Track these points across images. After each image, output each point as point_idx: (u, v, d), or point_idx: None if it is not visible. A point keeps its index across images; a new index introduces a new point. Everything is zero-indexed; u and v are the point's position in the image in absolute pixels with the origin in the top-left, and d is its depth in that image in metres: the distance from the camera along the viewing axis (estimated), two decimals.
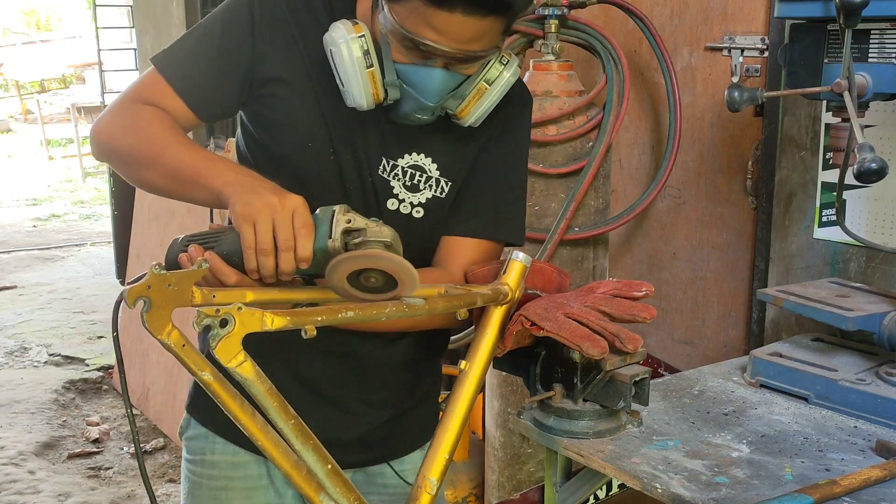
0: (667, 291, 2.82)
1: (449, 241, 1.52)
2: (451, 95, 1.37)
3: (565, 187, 2.53)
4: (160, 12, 5.57)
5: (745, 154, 2.55)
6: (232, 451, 1.56)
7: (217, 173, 1.28)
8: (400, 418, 1.61)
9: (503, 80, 1.40)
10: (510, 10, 1.29)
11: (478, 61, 1.35)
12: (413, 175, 1.48)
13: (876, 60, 1.55)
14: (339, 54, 1.33)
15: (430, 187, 1.49)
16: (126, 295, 0.97)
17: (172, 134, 1.37)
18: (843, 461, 1.44)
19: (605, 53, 2.54)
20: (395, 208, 1.48)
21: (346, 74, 1.33)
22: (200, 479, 1.59)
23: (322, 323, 1.06)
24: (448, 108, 1.39)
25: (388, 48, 1.32)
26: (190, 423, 1.62)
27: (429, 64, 1.32)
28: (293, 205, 1.19)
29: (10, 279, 7.10)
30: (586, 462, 1.46)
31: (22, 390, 4.82)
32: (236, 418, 1.04)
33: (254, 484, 1.57)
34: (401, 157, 1.47)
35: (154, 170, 1.35)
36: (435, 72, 1.32)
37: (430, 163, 1.48)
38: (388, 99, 1.36)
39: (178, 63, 1.44)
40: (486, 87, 1.39)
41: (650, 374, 1.39)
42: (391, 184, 1.47)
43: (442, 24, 1.25)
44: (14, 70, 15.30)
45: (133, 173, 1.40)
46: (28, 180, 11.77)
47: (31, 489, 3.74)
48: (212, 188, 1.27)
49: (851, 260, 2.25)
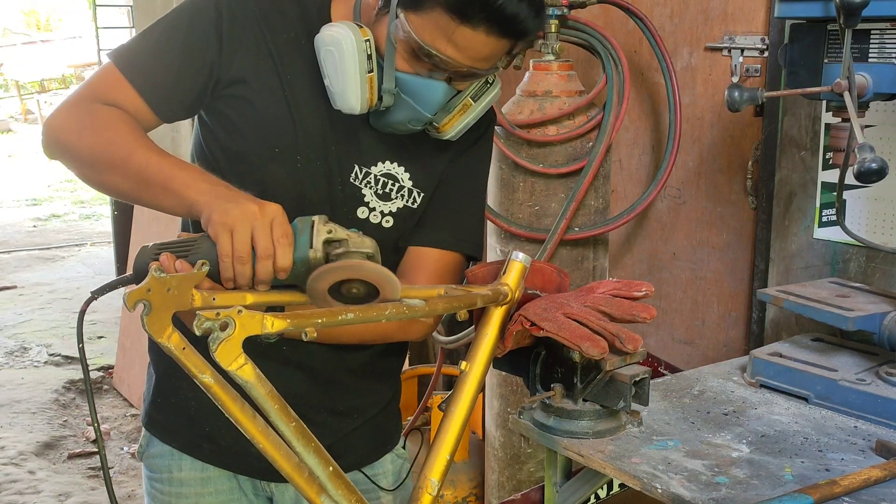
0: (667, 291, 2.82)
1: (413, 251, 1.52)
2: (442, 108, 1.37)
3: (565, 187, 2.53)
4: (160, 12, 5.54)
5: (745, 154, 2.55)
6: (200, 466, 1.54)
7: (190, 182, 1.24)
8: (366, 425, 1.60)
9: (488, 97, 1.41)
10: (524, 37, 1.31)
11: (478, 78, 1.37)
12: (385, 183, 1.47)
13: (876, 60, 1.55)
14: (341, 55, 1.31)
15: (401, 197, 1.48)
16: (126, 298, 0.97)
17: (137, 137, 1.32)
18: (843, 461, 1.44)
19: (605, 53, 2.54)
20: (365, 217, 1.47)
21: (344, 76, 1.32)
22: (168, 497, 1.57)
23: (322, 325, 1.06)
24: (435, 121, 1.39)
25: (392, 55, 1.32)
26: (150, 440, 1.59)
27: (434, 76, 1.32)
28: (272, 213, 1.17)
29: (10, 279, 7.10)
30: (586, 462, 1.46)
31: (22, 390, 4.82)
32: (237, 421, 1.04)
33: (225, 498, 1.55)
34: (374, 164, 1.46)
35: (118, 174, 1.30)
36: (438, 84, 1.32)
37: (402, 172, 1.48)
38: (380, 105, 1.35)
39: (138, 59, 1.39)
40: (471, 104, 1.40)
41: (650, 374, 1.39)
42: (363, 191, 1.46)
43: (462, 41, 1.26)
44: (14, 70, 15.30)
45: (94, 175, 1.34)
46: (28, 180, 11.77)
47: (31, 489, 3.74)
48: (184, 197, 1.24)
49: (851, 260, 2.25)
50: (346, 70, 1.32)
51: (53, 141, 1.36)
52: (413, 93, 1.33)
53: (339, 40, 1.32)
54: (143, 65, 1.38)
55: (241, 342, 0.99)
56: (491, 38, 1.26)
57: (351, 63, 1.31)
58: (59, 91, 16.40)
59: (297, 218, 1.21)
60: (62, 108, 1.38)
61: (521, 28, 1.27)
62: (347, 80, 1.32)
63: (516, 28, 1.26)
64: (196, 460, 1.54)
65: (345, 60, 1.31)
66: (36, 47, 16.57)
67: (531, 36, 1.33)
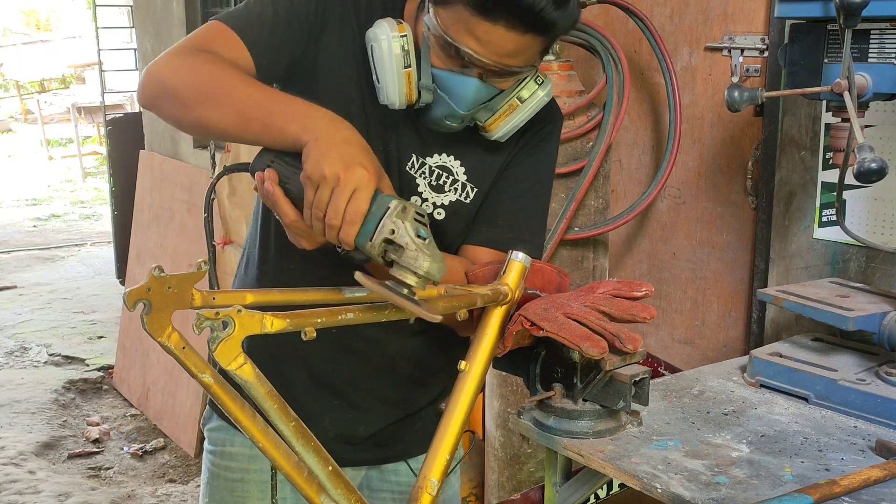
0: (667, 291, 2.82)
1: (467, 249, 1.52)
2: (482, 107, 1.37)
3: (565, 187, 2.53)
4: (160, 12, 5.57)
5: (745, 154, 2.55)
6: (250, 444, 1.56)
7: (294, 115, 1.23)
8: (412, 418, 1.61)
9: (536, 98, 1.40)
10: (551, 31, 1.29)
11: (513, 76, 1.36)
12: (440, 175, 1.48)
13: (876, 60, 1.55)
14: (380, 50, 1.33)
15: (454, 190, 1.49)
16: (126, 297, 0.97)
17: (240, 74, 1.31)
18: (842, 461, 1.44)
19: (605, 53, 2.54)
20: None
21: (383, 71, 1.34)
22: (219, 469, 1.61)
23: (321, 325, 1.06)
24: (477, 120, 1.39)
25: (428, 51, 1.33)
26: (211, 414, 1.64)
27: (465, 72, 1.32)
28: (355, 182, 1.13)
29: (10, 279, 7.11)
30: (586, 462, 1.46)
31: (22, 390, 4.82)
32: (237, 420, 1.05)
33: (268, 476, 1.56)
34: (430, 155, 1.47)
35: (218, 108, 1.27)
36: (470, 80, 1.32)
37: (458, 166, 1.48)
38: (420, 101, 1.36)
39: (245, 18, 1.40)
40: (517, 104, 1.39)
41: (650, 374, 1.39)
42: (417, 181, 1.47)
43: (483, 35, 1.25)
44: (14, 70, 15.29)
45: (189, 113, 1.30)
46: (28, 180, 11.77)
47: (31, 489, 3.74)
48: (288, 132, 1.22)
49: (851, 260, 2.25)
50: (384, 65, 1.33)
51: (154, 82, 1.33)
52: (447, 88, 1.34)
53: (378, 35, 1.34)
54: (250, 24, 1.39)
55: (241, 341, 0.99)
56: (513, 32, 1.25)
57: (388, 58, 1.33)
58: (59, 91, 16.40)
59: (380, 195, 1.16)
60: (164, 55, 1.36)
61: (542, 21, 1.25)
62: (386, 73, 1.34)
63: (537, 21, 1.25)
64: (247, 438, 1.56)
65: (382, 56, 1.33)
66: (36, 47, 16.55)
67: (559, 30, 1.30)
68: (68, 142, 13.66)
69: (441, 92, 1.35)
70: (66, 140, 13.82)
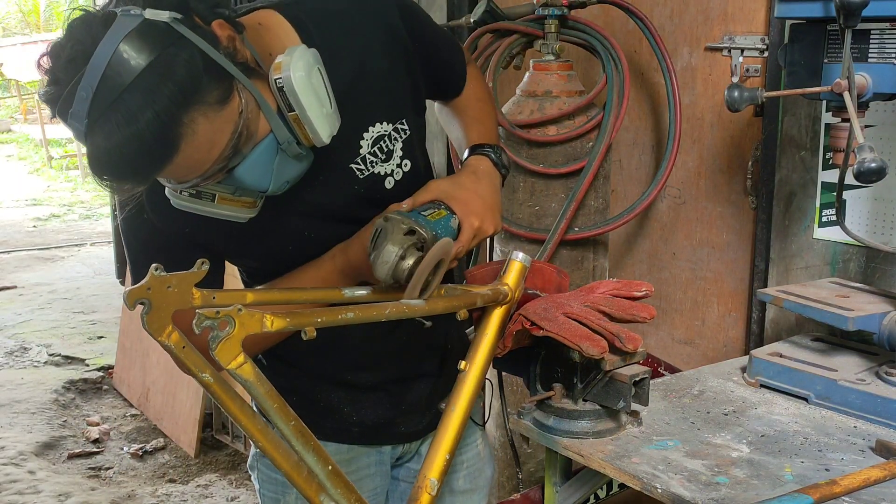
0: (667, 291, 2.82)
1: (452, 104, 1.61)
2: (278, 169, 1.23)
3: (565, 187, 2.53)
4: None
5: (745, 154, 2.55)
6: (346, 449, 1.57)
7: (333, 268, 1.36)
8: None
9: (296, 81, 1.16)
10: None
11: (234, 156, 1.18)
12: (381, 147, 1.40)
13: (876, 60, 1.55)
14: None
15: (398, 147, 1.41)
16: (126, 297, 0.97)
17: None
18: (842, 461, 1.44)
19: (605, 53, 2.54)
20: (391, 186, 1.42)
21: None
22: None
23: (322, 324, 1.06)
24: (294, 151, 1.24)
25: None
26: (257, 462, 1.62)
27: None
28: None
29: (10, 279, 7.10)
30: (586, 462, 1.46)
31: (22, 390, 4.82)
32: (237, 419, 1.05)
33: (364, 473, 1.58)
34: (368, 131, 1.39)
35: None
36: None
37: (385, 128, 1.40)
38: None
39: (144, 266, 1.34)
40: (295, 115, 1.19)
41: (650, 374, 1.39)
42: (372, 167, 1.40)
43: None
44: (14, 70, 15.26)
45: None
46: (28, 180, 11.77)
47: (31, 489, 3.74)
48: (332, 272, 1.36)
49: (851, 260, 2.25)
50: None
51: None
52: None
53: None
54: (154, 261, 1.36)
55: (241, 340, 0.99)
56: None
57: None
58: None
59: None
60: None
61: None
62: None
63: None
64: (341, 444, 1.56)
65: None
66: (36, 47, 16.55)
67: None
68: (68, 142, 13.66)
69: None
70: (66, 140, 13.81)
